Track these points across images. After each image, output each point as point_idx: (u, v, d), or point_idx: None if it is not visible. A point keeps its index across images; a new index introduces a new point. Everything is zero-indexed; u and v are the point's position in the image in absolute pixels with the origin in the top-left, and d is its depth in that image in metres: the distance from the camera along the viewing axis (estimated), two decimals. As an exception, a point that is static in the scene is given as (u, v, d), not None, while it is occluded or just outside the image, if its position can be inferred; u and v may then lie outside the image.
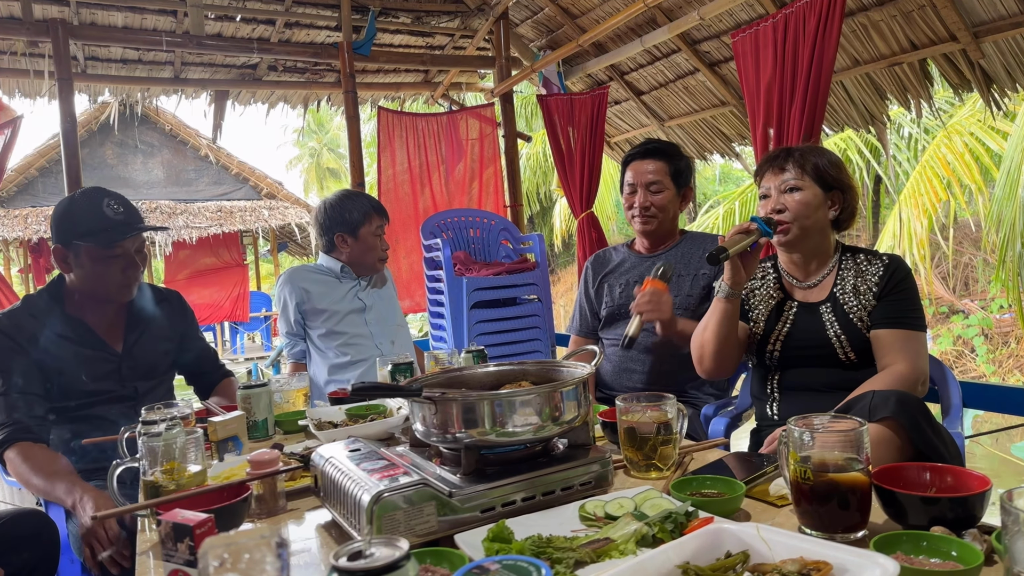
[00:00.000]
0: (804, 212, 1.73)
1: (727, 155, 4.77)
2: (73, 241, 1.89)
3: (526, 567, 0.72)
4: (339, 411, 1.79)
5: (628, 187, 2.38)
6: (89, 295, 1.96)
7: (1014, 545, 0.76)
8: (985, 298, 9.96)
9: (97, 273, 1.91)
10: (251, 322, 11.92)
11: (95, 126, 10.71)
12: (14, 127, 3.76)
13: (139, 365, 2.02)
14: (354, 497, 1.05)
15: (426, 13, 4.70)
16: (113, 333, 2.01)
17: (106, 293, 1.95)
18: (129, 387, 1.98)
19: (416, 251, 4.66)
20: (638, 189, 2.35)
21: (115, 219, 1.90)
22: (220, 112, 4.94)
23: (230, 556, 0.63)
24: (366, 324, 2.66)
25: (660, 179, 2.33)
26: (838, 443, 1.01)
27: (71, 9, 3.93)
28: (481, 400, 1.12)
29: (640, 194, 2.34)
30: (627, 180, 2.39)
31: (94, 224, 1.88)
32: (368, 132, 10.80)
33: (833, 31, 2.61)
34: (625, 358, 2.33)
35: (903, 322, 1.67)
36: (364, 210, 2.64)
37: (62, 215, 1.92)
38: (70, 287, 1.96)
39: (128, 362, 2.00)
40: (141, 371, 2.02)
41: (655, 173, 2.33)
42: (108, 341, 1.99)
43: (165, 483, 1.22)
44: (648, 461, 1.32)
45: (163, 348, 2.11)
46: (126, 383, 1.98)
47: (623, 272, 2.44)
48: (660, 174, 2.33)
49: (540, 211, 16.67)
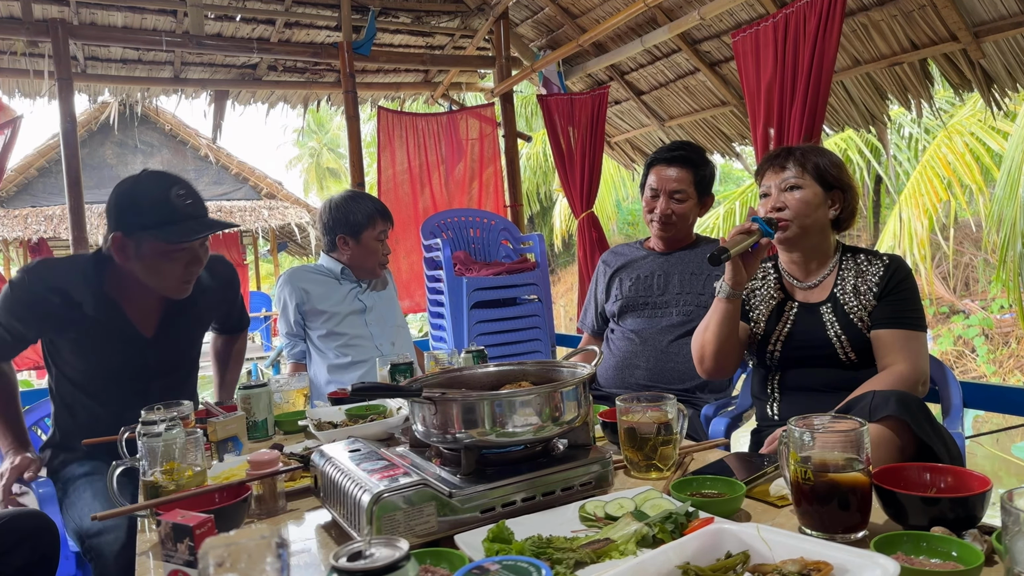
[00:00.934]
0: (804, 210, 1.73)
1: (727, 155, 4.77)
2: (136, 232, 1.73)
3: (526, 567, 0.72)
4: (339, 411, 1.79)
5: (650, 191, 2.35)
6: (138, 283, 1.81)
7: (1014, 545, 0.76)
8: (985, 298, 9.96)
9: (158, 268, 1.78)
10: (251, 322, 11.91)
11: (95, 126, 10.71)
12: (14, 127, 3.76)
13: (165, 352, 1.93)
14: (354, 497, 1.05)
15: (426, 13, 4.70)
16: (148, 320, 1.88)
17: (162, 288, 1.82)
18: (150, 371, 1.90)
19: (416, 251, 4.66)
20: (660, 195, 2.32)
21: (183, 210, 1.74)
22: (220, 112, 4.94)
23: (230, 556, 0.63)
24: (366, 325, 2.66)
25: (684, 188, 2.30)
26: (838, 443, 1.01)
27: (71, 9, 3.93)
28: (481, 400, 1.12)
29: (662, 201, 2.31)
30: (650, 183, 2.35)
31: (161, 215, 1.72)
32: (368, 132, 10.80)
33: (833, 31, 2.61)
34: (630, 353, 2.33)
35: (903, 322, 1.67)
36: (368, 213, 2.61)
37: (126, 202, 1.75)
38: (117, 269, 1.81)
39: (154, 349, 1.90)
40: (167, 358, 1.94)
41: (679, 182, 2.30)
42: (140, 327, 1.87)
43: (165, 483, 1.22)
44: (648, 461, 1.32)
45: (196, 334, 2.03)
46: (148, 367, 1.90)
47: (635, 268, 2.43)
48: (684, 183, 2.30)
49: (540, 211, 16.67)
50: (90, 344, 1.84)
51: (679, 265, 2.37)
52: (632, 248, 2.53)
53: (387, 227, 2.67)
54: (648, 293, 2.36)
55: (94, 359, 1.86)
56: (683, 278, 2.34)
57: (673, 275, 2.36)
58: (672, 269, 2.37)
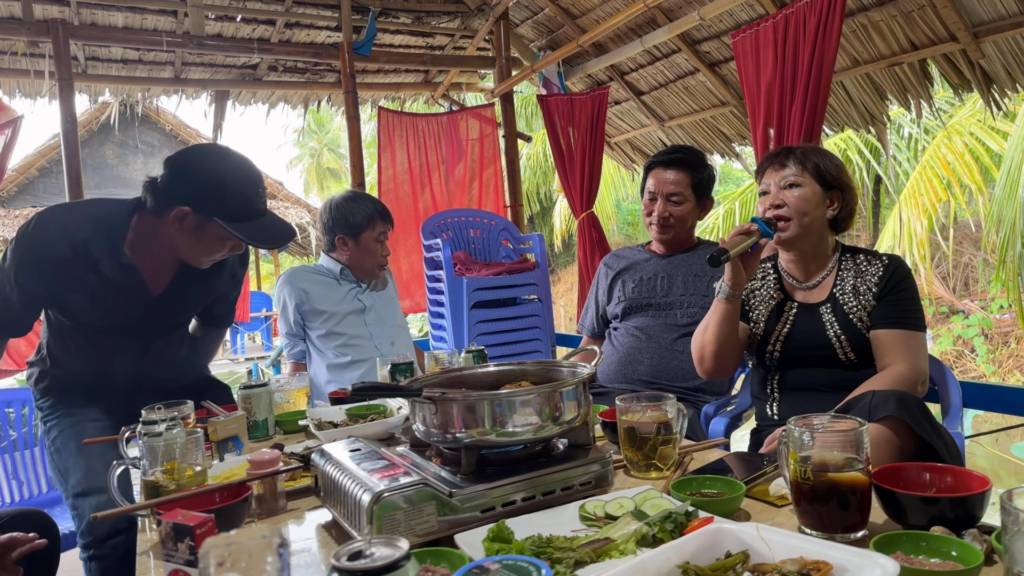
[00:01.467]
0: (803, 208, 1.73)
1: (727, 155, 4.77)
2: (213, 216, 1.70)
3: (526, 567, 0.72)
4: (339, 411, 1.80)
5: (648, 194, 2.37)
6: (163, 245, 1.80)
7: (1014, 545, 0.76)
8: (985, 298, 9.96)
9: (205, 246, 1.78)
10: (251, 322, 11.90)
11: (95, 126, 10.71)
12: (15, 127, 3.76)
13: (168, 310, 1.95)
14: (354, 497, 1.05)
15: (426, 13, 4.70)
16: (160, 279, 1.88)
17: (190, 258, 1.82)
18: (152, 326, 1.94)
19: (416, 251, 4.66)
20: (658, 198, 2.34)
21: (260, 209, 1.77)
22: (220, 112, 4.94)
23: (231, 556, 0.63)
24: (365, 325, 2.66)
25: (681, 191, 2.32)
26: (838, 443, 1.01)
27: (71, 9, 3.94)
28: (481, 400, 1.12)
29: (660, 204, 2.33)
30: (648, 187, 2.37)
31: (243, 211, 1.72)
32: (368, 132, 10.79)
33: (833, 31, 2.61)
34: (635, 349, 2.34)
35: (903, 322, 1.67)
36: (368, 214, 2.61)
37: (212, 184, 1.71)
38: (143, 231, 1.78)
39: (159, 306, 1.91)
40: (169, 316, 1.98)
41: (676, 184, 2.32)
42: (150, 285, 1.86)
43: (165, 483, 1.22)
44: (648, 461, 1.32)
45: (199, 300, 2.05)
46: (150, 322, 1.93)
47: (638, 270, 2.45)
48: (681, 185, 2.32)
49: (540, 211, 16.67)
50: (100, 301, 1.84)
51: (682, 267, 2.39)
52: (634, 251, 2.54)
53: (387, 228, 2.66)
54: (652, 294, 2.37)
55: (99, 313, 1.87)
56: (687, 280, 2.35)
57: (676, 277, 2.37)
58: (675, 271, 2.38)
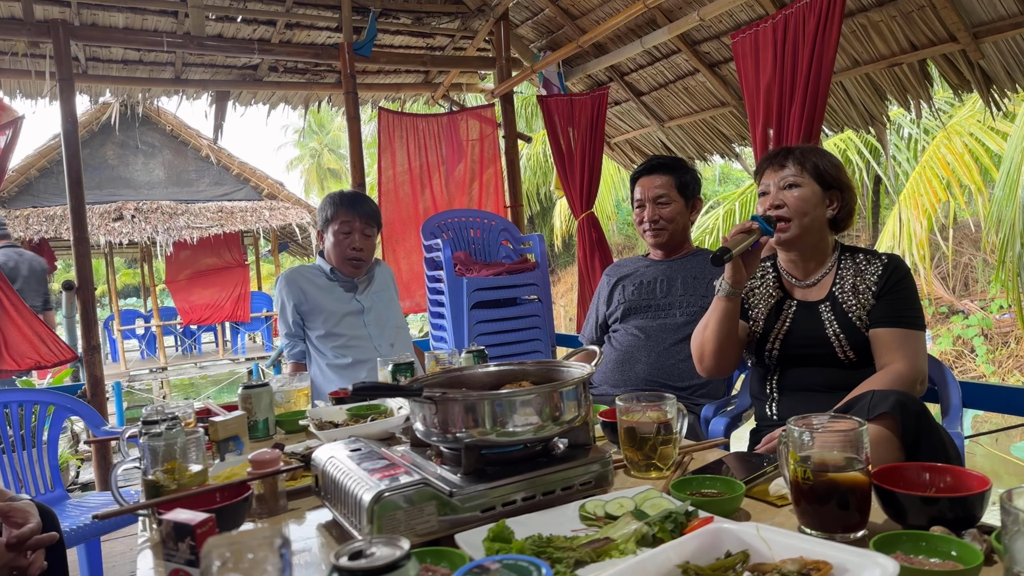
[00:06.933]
0: (802, 208, 1.74)
1: (727, 156, 4.77)
2: None
3: (526, 567, 0.72)
4: (340, 411, 1.80)
5: (637, 203, 2.48)
6: None
7: (1014, 545, 0.77)
8: (985, 298, 9.96)
9: None
10: (252, 322, 11.92)
11: (96, 126, 10.69)
12: (15, 128, 3.76)
13: None
14: (355, 497, 1.05)
15: (426, 14, 4.71)
16: None
17: None
18: None
19: (416, 251, 4.66)
20: (646, 204, 2.44)
21: None
22: (221, 113, 4.94)
23: (232, 556, 0.63)
24: (364, 326, 2.66)
25: (666, 192, 2.42)
26: (838, 443, 1.01)
27: (72, 10, 3.94)
28: (481, 400, 1.12)
29: (648, 208, 2.43)
30: (636, 196, 2.48)
31: None
32: (369, 133, 10.80)
33: (833, 32, 2.61)
34: (633, 348, 2.36)
35: (902, 321, 1.67)
36: (333, 205, 2.57)
37: None
38: None
39: None
40: None
41: (661, 187, 2.42)
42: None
43: (166, 483, 1.22)
44: (648, 461, 1.33)
45: None
46: None
47: (638, 275, 2.50)
48: (666, 187, 2.42)
49: (540, 211, 16.67)
50: None
51: (681, 271, 2.42)
52: (634, 260, 2.62)
53: (351, 219, 2.55)
54: (651, 296, 2.41)
55: None
56: (686, 282, 2.39)
57: (676, 279, 2.41)
58: (675, 274, 2.42)
